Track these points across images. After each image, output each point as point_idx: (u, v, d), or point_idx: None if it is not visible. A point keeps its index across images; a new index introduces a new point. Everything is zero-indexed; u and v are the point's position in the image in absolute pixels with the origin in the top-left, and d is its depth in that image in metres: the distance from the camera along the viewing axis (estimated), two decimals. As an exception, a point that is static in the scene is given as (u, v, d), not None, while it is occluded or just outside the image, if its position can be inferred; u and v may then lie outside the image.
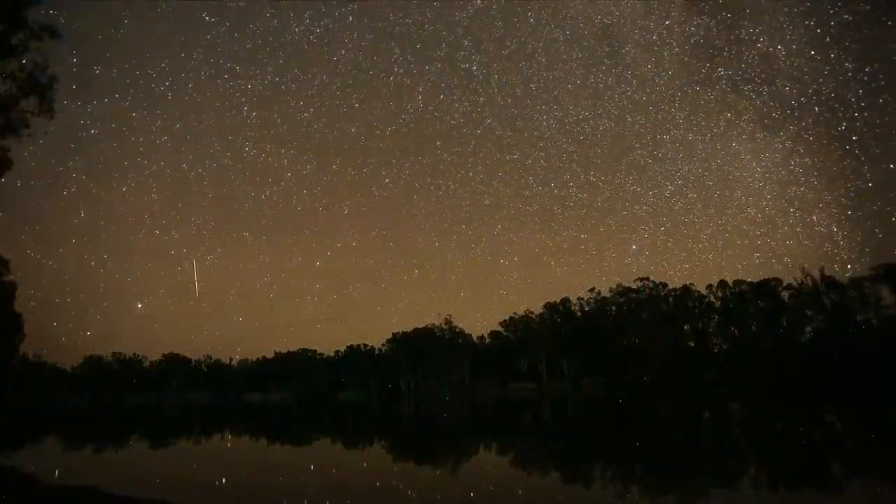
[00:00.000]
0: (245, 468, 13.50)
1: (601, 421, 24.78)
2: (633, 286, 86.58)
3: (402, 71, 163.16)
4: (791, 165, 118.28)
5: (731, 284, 79.78)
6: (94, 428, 33.27)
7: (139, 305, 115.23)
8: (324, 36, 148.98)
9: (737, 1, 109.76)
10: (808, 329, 72.02)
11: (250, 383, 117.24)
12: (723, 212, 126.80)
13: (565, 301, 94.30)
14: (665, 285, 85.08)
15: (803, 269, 72.52)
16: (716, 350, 79.98)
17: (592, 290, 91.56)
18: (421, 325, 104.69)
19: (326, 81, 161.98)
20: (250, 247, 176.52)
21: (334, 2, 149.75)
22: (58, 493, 9.89)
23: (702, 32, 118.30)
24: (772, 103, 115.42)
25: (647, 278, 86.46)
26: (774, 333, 72.17)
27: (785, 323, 71.93)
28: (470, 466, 13.09)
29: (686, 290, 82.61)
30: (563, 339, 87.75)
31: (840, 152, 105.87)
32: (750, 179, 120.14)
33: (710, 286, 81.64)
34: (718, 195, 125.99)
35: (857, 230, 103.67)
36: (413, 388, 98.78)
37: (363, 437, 22.30)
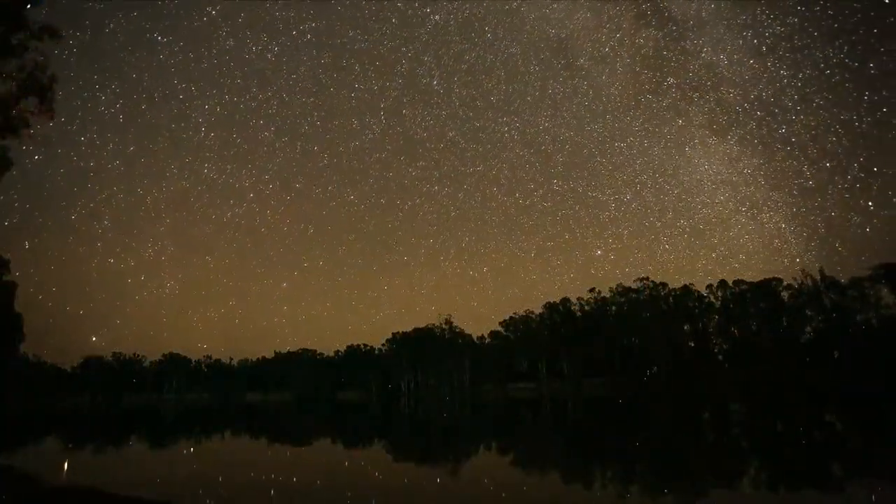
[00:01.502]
0: (245, 468, 13.50)
1: (601, 421, 24.79)
2: (633, 286, 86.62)
3: (362, 88, 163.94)
4: (740, 167, 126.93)
5: (731, 284, 79.84)
6: (93, 428, 33.28)
7: (94, 339, 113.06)
8: (282, 55, 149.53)
9: (681, 14, 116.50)
10: (808, 329, 72.10)
11: (250, 383, 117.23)
12: (680, 213, 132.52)
13: (565, 301, 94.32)
14: (665, 285, 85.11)
15: (803, 269, 72.66)
16: (716, 350, 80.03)
17: (593, 290, 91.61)
18: (421, 325, 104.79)
19: (287, 100, 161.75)
20: (212, 271, 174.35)
21: (291, 21, 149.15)
22: (58, 493, 9.89)
23: (650, 44, 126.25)
24: (718, 109, 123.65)
25: (647, 278, 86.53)
26: (774, 333, 72.19)
27: (785, 323, 71.95)
28: (470, 467, 13.09)
29: (686, 290, 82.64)
30: (563, 339, 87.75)
31: (782, 153, 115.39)
32: (703, 182, 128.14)
33: (710, 286, 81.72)
34: (675, 198, 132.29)
35: (803, 227, 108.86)
36: (413, 388, 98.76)
37: (363, 437, 22.30)
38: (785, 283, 74.81)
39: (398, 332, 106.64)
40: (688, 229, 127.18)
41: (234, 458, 15.81)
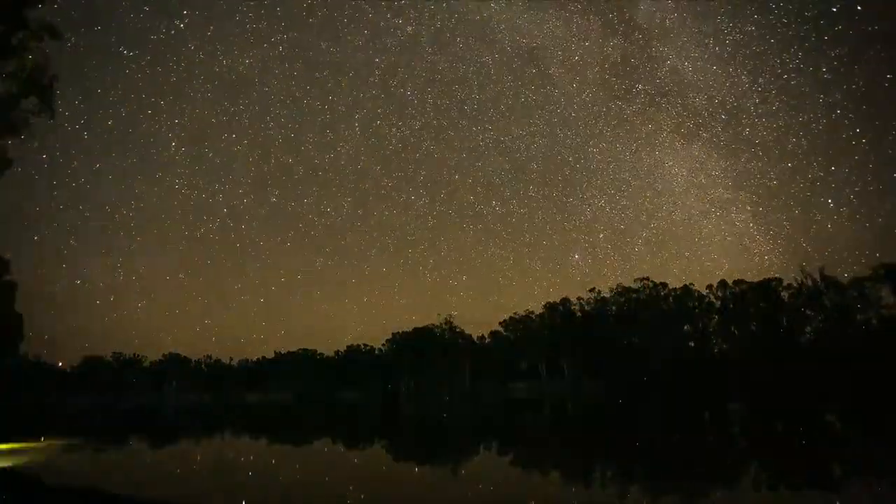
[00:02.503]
0: (245, 468, 13.51)
1: (601, 421, 24.78)
2: (633, 286, 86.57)
3: (336, 99, 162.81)
4: (708, 169, 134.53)
5: (731, 284, 79.79)
6: (93, 428, 33.28)
7: (59, 364, 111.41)
8: (253, 67, 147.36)
9: (646, 23, 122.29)
10: (808, 329, 72.00)
11: (250, 383, 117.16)
12: (653, 216, 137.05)
13: (565, 301, 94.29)
14: (665, 285, 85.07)
15: (803, 269, 72.58)
16: (716, 350, 79.94)
17: (593, 289, 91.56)
18: (421, 325, 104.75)
19: (258, 112, 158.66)
20: (186, 289, 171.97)
21: (263, 33, 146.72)
22: (58, 493, 9.89)
23: (618, 52, 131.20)
24: (685, 114, 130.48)
25: (647, 278, 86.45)
26: (774, 333, 72.15)
27: (785, 323, 71.92)
28: (470, 468, 13.09)
29: (686, 290, 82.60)
30: (563, 339, 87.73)
31: (747, 155, 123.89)
32: (674, 185, 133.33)
33: (710, 286, 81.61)
34: (647, 201, 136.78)
35: (770, 226, 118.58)
36: (413, 389, 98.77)
37: (363, 437, 22.30)
38: (785, 283, 74.81)
39: (398, 332, 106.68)
40: (661, 231, 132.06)
41: (235, 458, 15.81)
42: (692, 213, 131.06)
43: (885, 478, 9.38)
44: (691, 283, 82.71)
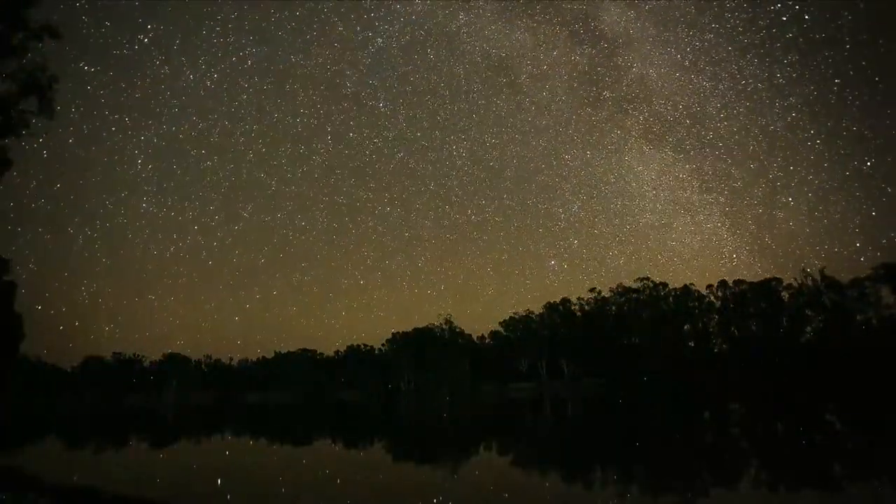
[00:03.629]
0: (245, 468, 13.51)
1: (601, 421, 24.79)
2: (633, 286, 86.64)
3: (308, 112, 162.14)
4: (675, 172, 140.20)
5: (731, 284, 79.87)
6: (93, 428, 33.29)
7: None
8: (222, 81, 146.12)
9: (611, 33, 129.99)
10: (808, 329, 72.12)
11: (250, 383, 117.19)
12: (625, 219, 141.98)
13: (565, 301, 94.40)
14: (665, 285, 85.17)
15: (803, 268, 72.61)
16: (716, 350, 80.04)
17: (593, 289, 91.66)
18: (421, 325, 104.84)
19: (229, 127, 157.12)
20: (156, 310, 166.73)
21: (230, 47, 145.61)
22: (58, 493, 9.89)
23: (585, 61, 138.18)
24: (651, 119, 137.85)
25: (647, 278, 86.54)
26: (774, 333, 72.21)
27: (785, 323, 71.98)
28: (470, 467, 13.09)
29: (686, 290, 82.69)
30: (563, 339, 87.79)
31: (711, 158, 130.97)
32: (643, 188, 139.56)
33: (710, 286, 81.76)
34: (619, 205, 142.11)
35: (736, 225, 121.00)
36: (413, 388, 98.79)
37: (363, 437, 22.30)
38: (785, 283, 74.91)
39: (398, 332, 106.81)
40: (633, 233, 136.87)
41: (235, 458, 15.82)
42: (662, 214, 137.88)
43: (886, 478, 9.38)
44: (691, 283, 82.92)
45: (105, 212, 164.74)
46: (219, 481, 11.44)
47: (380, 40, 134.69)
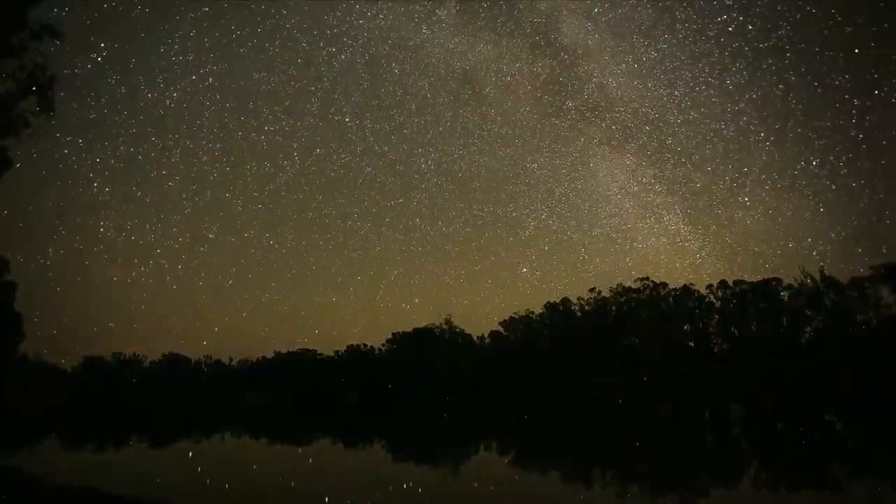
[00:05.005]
0: (245, 468, 13.50)
1: (602, 422, 24.78)
2: (633, 286, 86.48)
3: (273, 129, 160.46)
4: (639, 176, 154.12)
5: (731, 284, 79.73)
6: (93, 428, 33.26)
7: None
8: (182, 100, 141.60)
9: (571, 44, 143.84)
10: (808, 329, 72.00)
11: (250, 383, 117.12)
12: (594, 224, 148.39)
13: (565, 301, 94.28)
14: (665, 285, 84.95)
15: (803, 269, 72.49)
16: (716, 350, 79.95)
17: (593, 290, 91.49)
18: (421, 325, 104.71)
19: (191, 147, 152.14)
20: (117, 339, 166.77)
21: (191, 65, 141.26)
22: (58, 493, 9.88)
23: (547, 72, 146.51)
24: (613, 126, 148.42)
25: (647, 278, 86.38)
26: (774, 333, 72.12)
27: (785, 323, 71.88)
28: (470, 467, 13.08)
29: (686, 290, 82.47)
30: (563, 339, 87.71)
31: (672, 162, 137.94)
32: (609, 193, 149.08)
33: (710, 286, 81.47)
34: (587, 210, 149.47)
35: (698, 225, 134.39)
36: (413, 389, 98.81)
37: (363, 437, 22.29)
38: (785, 283, 74.79)
39: (398, 332, 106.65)
40: (601, 238, 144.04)
41: (235, 458, 15.81)
42: (628, 218, 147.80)
43: (885, 477, 9.37)
44: (691, 283, 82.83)
45: (58, 237, 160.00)
46: (219, 480, 11.43)
47: (343, 56, 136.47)
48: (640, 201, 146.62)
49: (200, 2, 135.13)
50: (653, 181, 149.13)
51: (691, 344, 79.55)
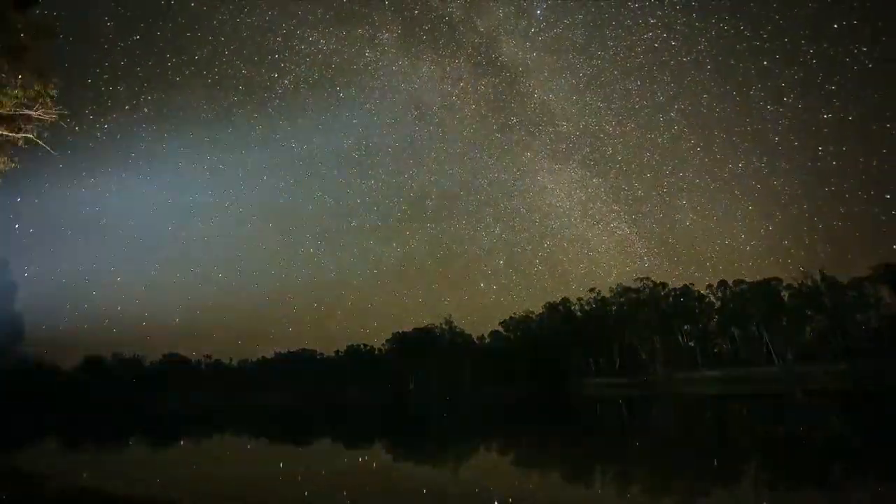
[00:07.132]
0: (245, 468, 13.52)
1: (602, 421, 24.80)
2: (633, 286, 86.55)
3: (216, 159, 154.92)
4: (585, 187, 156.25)
5: (731, 284, 79.83)
6: (93, 428, 33.29)
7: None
8: (114, 132, 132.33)
9: (511, 62, 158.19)
10: (808, 329, 72.10)
11: (250, 383, 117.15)
12: (545, 236, 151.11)
13: (565, 301, 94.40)
14: (665, 285, 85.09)
15: (803, 269, 72.64)
16: (716, 350, 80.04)
17: (593, 289, 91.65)
18: (421, 325, 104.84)
19: (125, 178, 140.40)
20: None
21: (123, 95, 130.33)
22: (58, 493, 9.90)
23: (490, 89, 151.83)
24: (557, 140, 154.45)
25: (647, 278, 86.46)
26: (774, 333, 72.19)
27: (785, 323, 71.93)
28: (470, 467, 13.10)
29: (686, 290, 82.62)
30: (563, 339, 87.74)
31: (614, 171, 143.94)
32: (558, 204, 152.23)
33: (710, 286, 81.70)
34: (538, 223, 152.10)
35: (643, 230, 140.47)
36: (413, 389, 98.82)
37: (363, 437, 22.31)
38: (785, 283, 74.86)
39: (398, 332, 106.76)
40: (554, 249, 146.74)
41: (235, 458, 15.83)
42: (578, 228, 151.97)
43: (885, 478, 9.38)
44: (691, 283, 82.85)
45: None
46: (219, 481, 11.44)
47: (286, 81, 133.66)
48: (586, 210, 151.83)
49: (133, 31, 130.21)
50: (597, 190, 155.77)
51: (691, 344, 79.64)
